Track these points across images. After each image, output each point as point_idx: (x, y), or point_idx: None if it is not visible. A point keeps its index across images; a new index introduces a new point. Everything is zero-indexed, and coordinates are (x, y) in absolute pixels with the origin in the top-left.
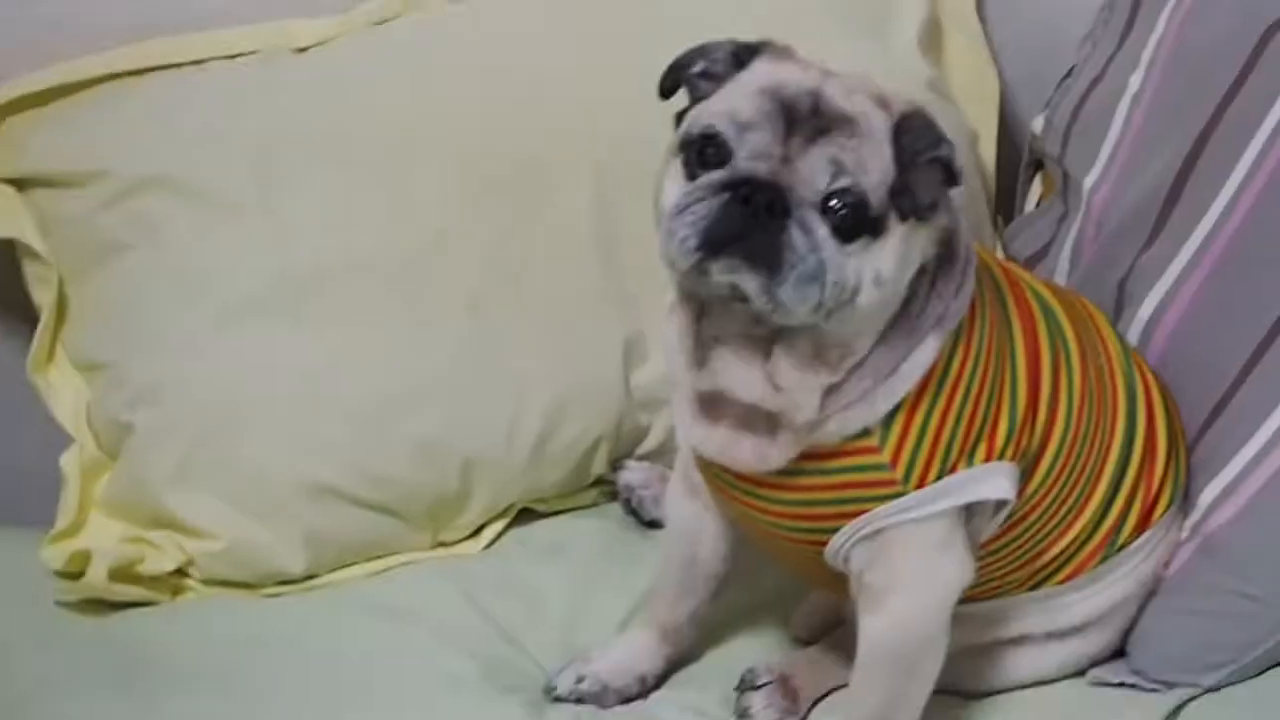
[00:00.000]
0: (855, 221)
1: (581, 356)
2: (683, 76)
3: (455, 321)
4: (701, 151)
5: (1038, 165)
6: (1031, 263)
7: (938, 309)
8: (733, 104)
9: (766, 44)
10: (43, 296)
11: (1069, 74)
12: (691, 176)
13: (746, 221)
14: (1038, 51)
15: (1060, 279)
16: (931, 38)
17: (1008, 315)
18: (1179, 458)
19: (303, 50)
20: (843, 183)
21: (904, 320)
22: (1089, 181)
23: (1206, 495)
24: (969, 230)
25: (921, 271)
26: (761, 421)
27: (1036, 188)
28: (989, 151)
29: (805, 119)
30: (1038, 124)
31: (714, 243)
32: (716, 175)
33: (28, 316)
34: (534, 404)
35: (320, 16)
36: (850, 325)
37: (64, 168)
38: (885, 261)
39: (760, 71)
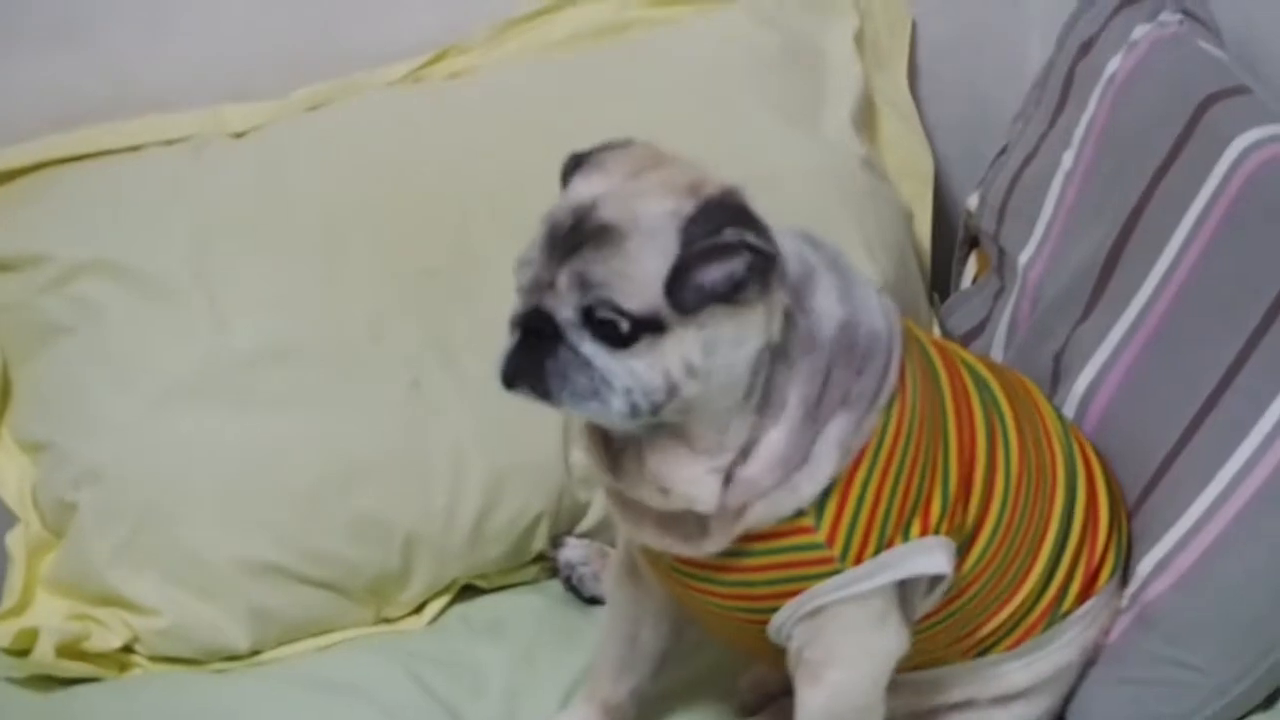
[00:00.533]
0: (622, 329)
1: (520, 434)
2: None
3: (393, 402)
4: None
5: (973, 242)
6: (968, 339)
7: (837, 392)
8: (530, 236)
9: (597, 152)
10: None
11: (1002, 151)
12: None
13: (524, 353)
14: (971, 129)
15: (996, 354)
16: (865, 117)
17: (939, 390)
18: (1121, 526)
19: (238, 135)
20: (592, 297)
21: (776, 399)
22: (1024, 257)
23: (1144, 565)
24: (876, 309)
25: (779, 350)
26: (685, 514)
27: (972, 265)
28: (924, 229)
29: (562, 240)
30: (972, 201)
31: (507, 377)
32: (513, 311)
33: None
34: (473, 482)
35: (258, 100)
36: (698, 415)
37: (5, 252)
38: (689, 352)
39: (569, 190)
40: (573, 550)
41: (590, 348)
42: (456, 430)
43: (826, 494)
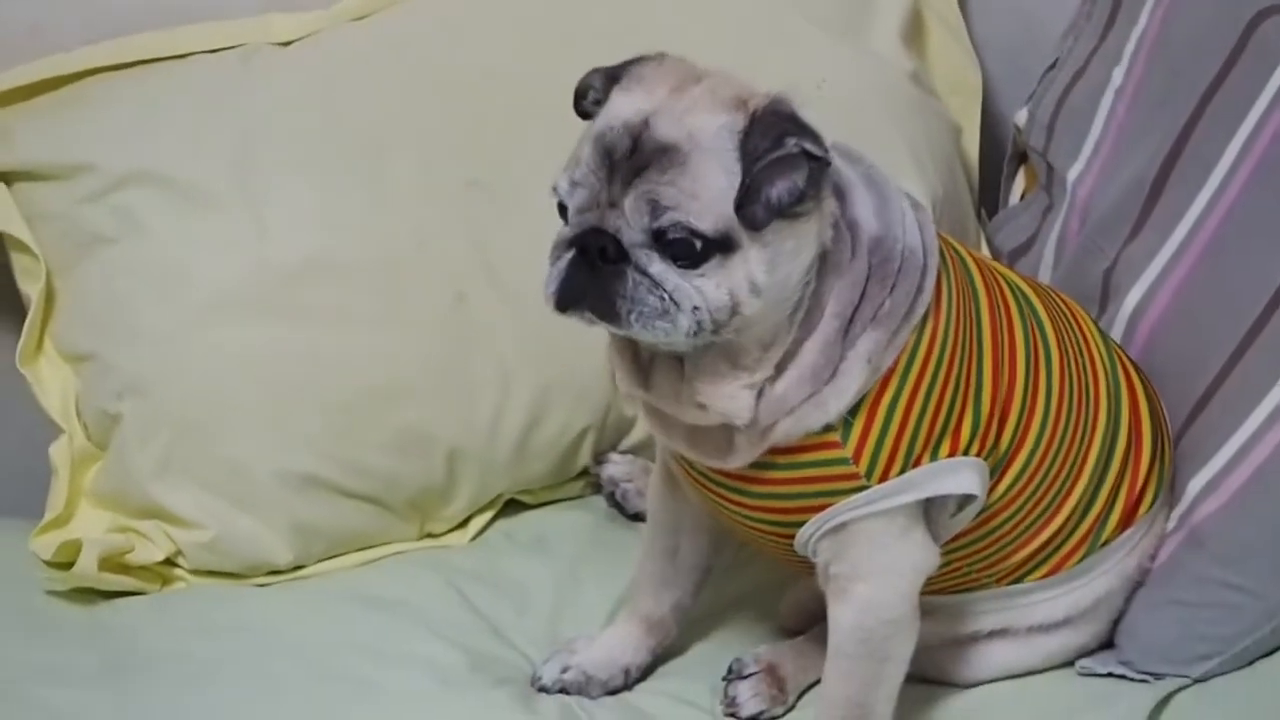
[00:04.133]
0: (694, 248)
1: (565, 349)
2: (582, 105)
3: (438, 315)
4: (559, 204)
5: (1021, 159)
6: (1015, 255)
7: (869, 308)
8: (573, 154)
9: (630, 66)
10: (30, 288)
11: (1052, 67)
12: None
13: (585, 274)
14: (1020, 45)
15: (1045, 271)
16: (913, 32)
17: (977, 309)
18: (1164, 454)
19: (285, 45)
20: (665, 219)
21: (816, 312)
22: (1073, 174)
23: (1193, 486)
24: (924, 219)
25: (823, 258)
26: (714, 426)
27: (1020, 181)
28: (972, 145)
29: (622, 160)
30: (1021, 117)
31: (564, 300)
32: (563, 232)
33: (13, 310)
34: (518, 396)
35: (303, 10)
36: (749, 333)
37: (49, 161)
38: (754, 270)
39: (606, 109)
40: (617, 466)
41: (659, 268)
42: (501, 345)
43: (854, 410)
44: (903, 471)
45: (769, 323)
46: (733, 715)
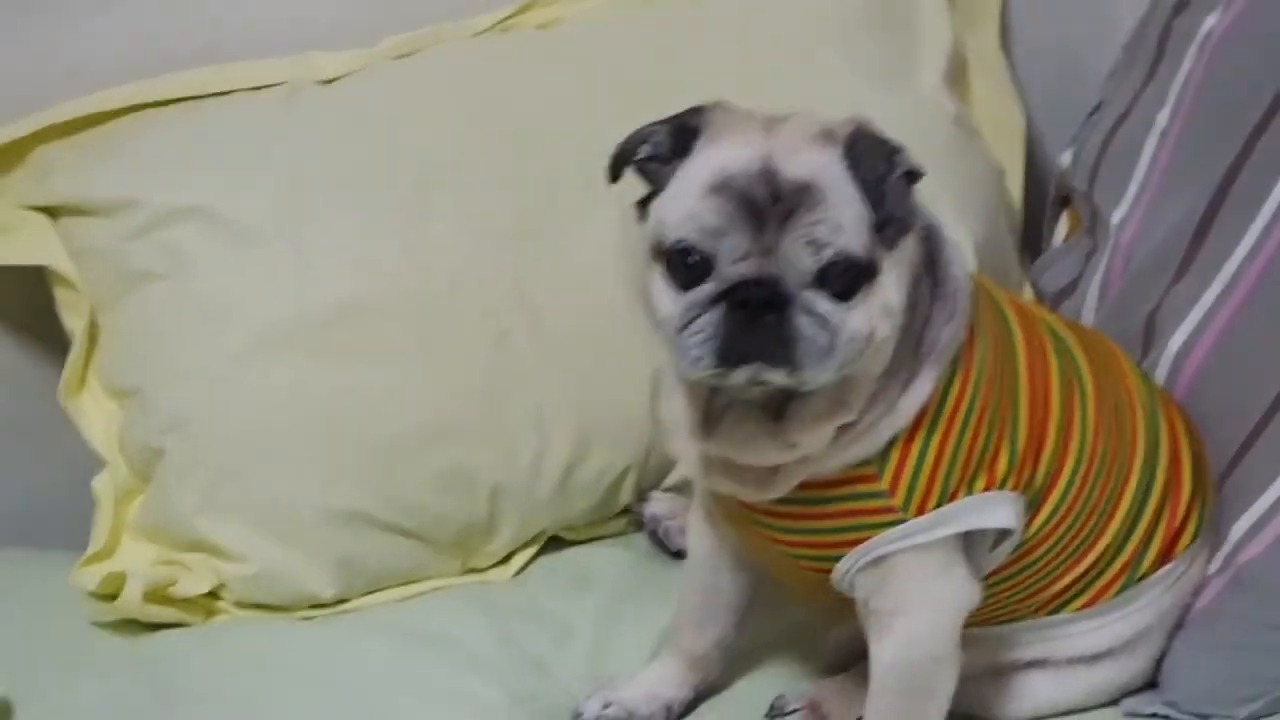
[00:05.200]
0: (852, 279)
1: (608, 388)
2: (629, 165)
3: (480, 355)
4: (682, 262)
5: (1064, 201)
6: (1059, 298)
7: (933, 334)
8: (691, 208)
9: (701, 117)
10: (74, 323)
11: (1096, 109)
12: (683, 286)
13: (753, 326)
14: (1063, 88)
15: (1088, 314)
16: (956, 75)
17: (1013, 345)
18: (1205, 492)
19: (328, 82)
20: (827, 256)
21: (904, 343)
22: (1117, 217)
23: (1238, 528)
24: (958, 254)
25: (914, 280)
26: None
27: (1064, 224)
28: (1015, 187)
29: (768, 207)
30: (1065, 159)
31: (730, 357)
32: (707, 288)
33: (58, 344)
34: (561, 435)
35: (346, 49)
36: (870, 363)
37: (94, 197)
38: (889, 294)
39: (705, 159)
40: (659, 504)
41: (826, 306)
42: (543, 385)
43: (891, 444)
44: (939, 505)
45: (881, 354)
46: None
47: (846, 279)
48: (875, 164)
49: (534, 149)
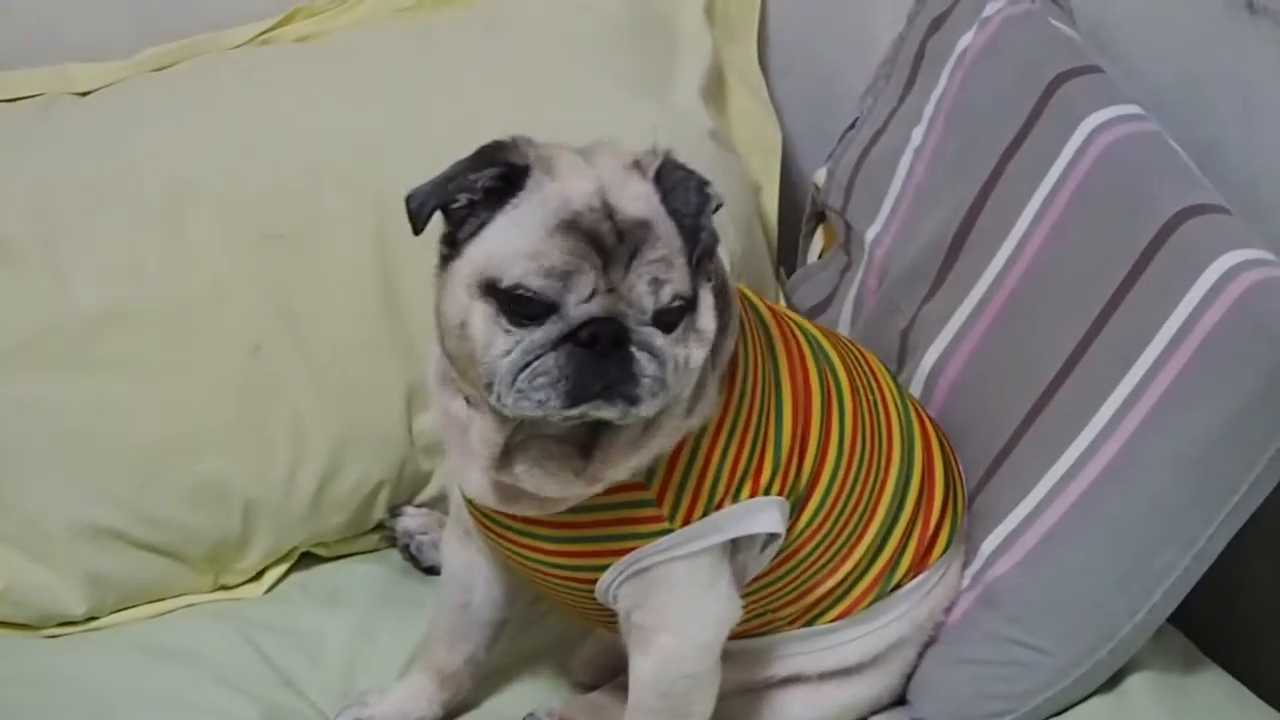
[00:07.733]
0: (681, 314)
1: (363, 402)
2: (439, 212)
3: (235, 367)
4: (520, 300)
5: (820, 217)
6: (814, 313)
7: (722, 348)
8: (534, 247)
9: (522, 154)
10: None
11: (851, 127)
12: (516, 323)
13: (596, 365)
14: (820, 105)
15: (843, 329)
16: (714, 90)
17: (774, 352)
18: (956, 501)
19: (84, 94)
20: (666, 295)
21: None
22: (871, 233)
23: (987, 545)
24: (724, 266)
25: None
26: None
27: (819, 240)
28: (771, 203)
29: (615, 246)
30: (820, 176)
31: (576, 397)
32: (552, 330)
33: None
34: (314, 449)
35: (103, 60)
36: (684, 389)
37: None
38: (706, 321)
39: (541, 197)
40: (412, 519)
41: (660, 340)
42: (298, 397)
43: (658, 455)
44: (705, 515)
45: (696, 374)
46: None
47: (677, 315)
48: (688, 198)
49: (293, 162)
